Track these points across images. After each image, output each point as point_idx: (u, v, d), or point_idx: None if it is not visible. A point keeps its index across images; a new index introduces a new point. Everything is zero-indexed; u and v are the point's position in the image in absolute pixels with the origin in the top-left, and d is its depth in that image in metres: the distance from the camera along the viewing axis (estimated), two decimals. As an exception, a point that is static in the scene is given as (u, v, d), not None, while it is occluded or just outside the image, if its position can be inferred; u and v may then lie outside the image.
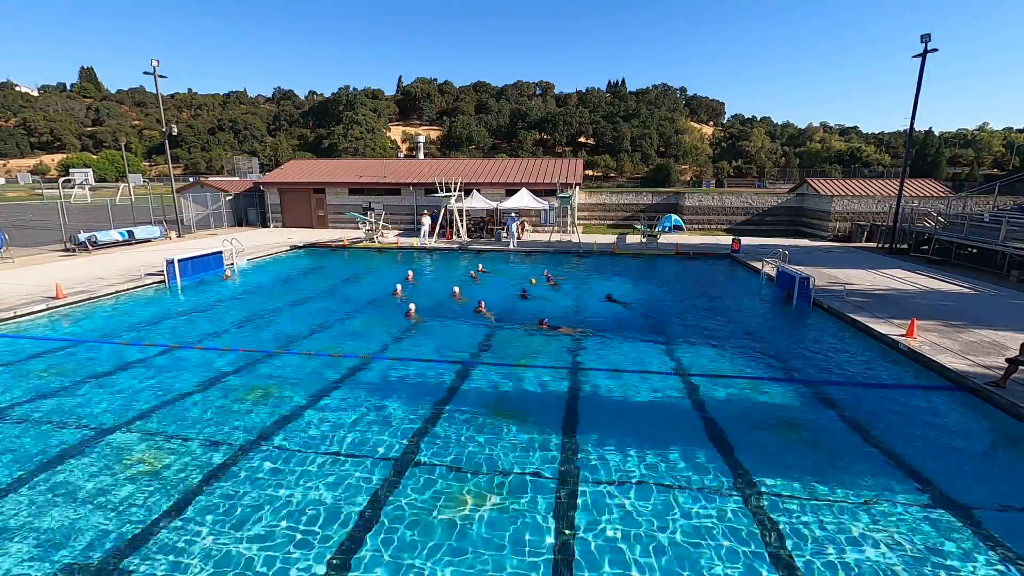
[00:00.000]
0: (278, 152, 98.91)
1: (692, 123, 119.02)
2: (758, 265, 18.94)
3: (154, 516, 5.44)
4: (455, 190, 26.80)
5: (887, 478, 6.26)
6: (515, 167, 33.74)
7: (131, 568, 4.73)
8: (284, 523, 5.33)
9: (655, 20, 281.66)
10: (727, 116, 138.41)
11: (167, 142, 29.78)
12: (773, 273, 17.03)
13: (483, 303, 13.55)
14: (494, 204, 26.71)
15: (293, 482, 6.04)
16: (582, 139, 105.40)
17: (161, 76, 25.84)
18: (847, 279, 16.86)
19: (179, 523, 5.33)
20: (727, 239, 26.31)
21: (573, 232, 26.97)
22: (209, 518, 5.41)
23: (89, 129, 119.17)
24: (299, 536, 5.14)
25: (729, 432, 7.34)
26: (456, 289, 15.19)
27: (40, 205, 44.75)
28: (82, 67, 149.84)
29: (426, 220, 25.92)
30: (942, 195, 28.42)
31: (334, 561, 4.81)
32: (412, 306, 13.26)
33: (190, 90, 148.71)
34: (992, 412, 7.93)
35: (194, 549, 4.96)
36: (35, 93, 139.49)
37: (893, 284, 16.41)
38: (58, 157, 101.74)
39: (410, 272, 17.69)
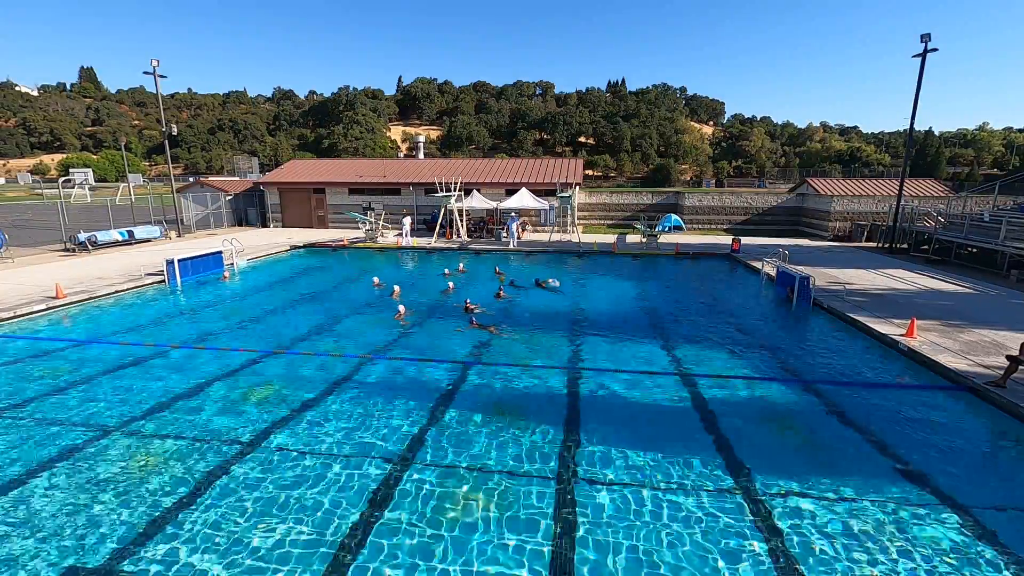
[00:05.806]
0: (278, 152, 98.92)
1: (692, 123, 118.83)
2: (758, 265, 18.94)
3: (152, 516, 5.44)
4: (455, 190, 26.81)
5: (886, 478, 6.25)
6: (515, 167, 33.74)
7: (127, 569, 4.73)
8: (285, 523, 5.33)
9: (655, 20, 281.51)
10: (727, 116, 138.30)
11: (167, 142, 29.82)
12: (773, 273, 17.04)
13: (468, 300, 13.88)
14: (494, 204, 26.72)
15: (292, 482, 6.04)
16: (582, 139, 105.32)
17: (161, 76, 25.86)
18: (847, 279, 16.85)
19: (177, 524, 5.33)
20: (727, 239, 26.31)
21: (573, 232, 26.96)
22: (208, 518, 5.41)
23: (89, 129, 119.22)
24: (298, 538, 5.14)
25: (728, 431, 7.33)
26: (451, 284, 16.25)
27: (40, 205, 44.79)
28: (82, 67, 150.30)
29: (407, 221, 26.36)
30: (942, 195, 28.41)
31: (333, 562, 4.81)
32: (401, 308, 13.34)
33: (190, 90, 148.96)
34: (992, 412, 7.93)
35: (192, 550, 4.96)
36: (35, 93, 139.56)
37: (893, 284, 16.41)
38: (58, 157, 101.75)
39: (376, 277, 17.26)
